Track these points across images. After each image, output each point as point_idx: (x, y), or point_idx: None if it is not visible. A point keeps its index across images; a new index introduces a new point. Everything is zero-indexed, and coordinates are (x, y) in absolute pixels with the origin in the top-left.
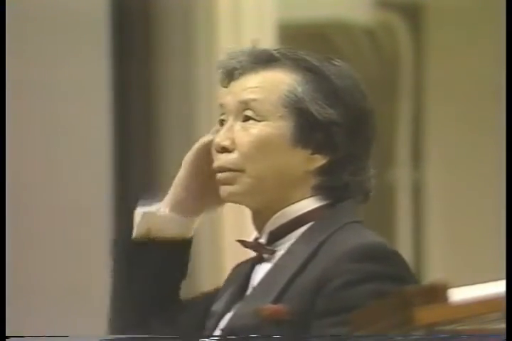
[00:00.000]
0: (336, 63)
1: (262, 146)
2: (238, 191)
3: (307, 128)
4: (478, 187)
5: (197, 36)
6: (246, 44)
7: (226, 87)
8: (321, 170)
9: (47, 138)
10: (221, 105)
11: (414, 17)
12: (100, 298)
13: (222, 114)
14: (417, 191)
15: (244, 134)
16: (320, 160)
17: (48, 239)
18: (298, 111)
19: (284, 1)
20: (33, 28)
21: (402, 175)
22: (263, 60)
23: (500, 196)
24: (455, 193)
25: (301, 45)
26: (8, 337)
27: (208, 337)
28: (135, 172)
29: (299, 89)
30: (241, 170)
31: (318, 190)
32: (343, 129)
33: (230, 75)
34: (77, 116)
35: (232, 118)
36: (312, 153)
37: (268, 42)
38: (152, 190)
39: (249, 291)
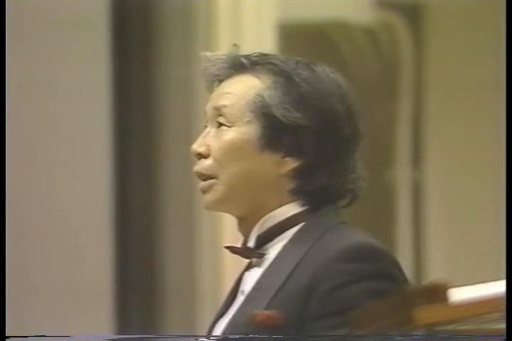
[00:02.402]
0: (313, 67)
1: (231, 152)
2: (214, 199)
3: (274, 132)
4: (478, 187)
5: (197, 36)
6: (246, 44)
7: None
8: (295, 174)
9: (47, 138)
10: (204, 112)
11: (414, 17)
12: (100, 298)
13: (207, 121)
14: (417, 191)
15: (217, 140)
16: (291, 164)
17: (47, 239)
18: (264, 116)
19: (284, 1)
20: (33, 27)
21: (402, 175)
22: (238, 66)
23: (500, 196)
24: (455, 193)
25: (301, 45)
26: (8, 337)
27: (208, 337)
28: (135, 172)
29: (266, 94)
30: (215, 177)
31: (297, 194)
32: (312, 133)
33: (213, 82)
34: (77, 116)
35: (210, 125)
36: (283, 157)
37: (268, 42)
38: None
39: (239, 296)
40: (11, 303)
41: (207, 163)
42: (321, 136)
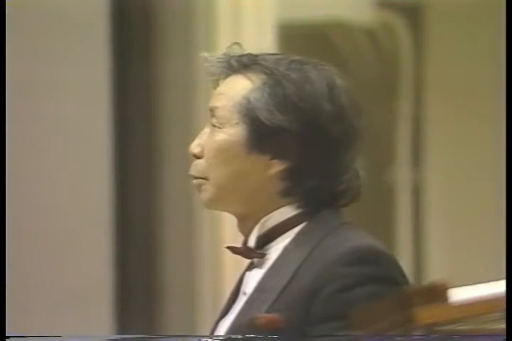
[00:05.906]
0: (305, 67)
1: (221, 153)
2: (206, 198)
3: (260, 134)
4: (478, 187)
5: (197, 36)
6: (246, 44)
7: None
8: (284, 176)
9: (47, 139)
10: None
11: (414, 17)
12: (100, 298)
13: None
14: (417, 191)
15: (209, 142)
16: (279, 166)
17: (47, 240)
18: (249, 118)
19: (284, 1)
20: (33, 28)
21: (402, 175)
22: (232, 66)
23: (500, 196)
24: (455, 193)
25: (301, 45)
26: (8, 337)
27: (208, 337)
28: (135, 172)
29: (252, 96)
30: (206, 178)
31: (288, 196)
32: (297, 135)
33: (217, 80)
34: (77, 117)
35: (207, 125)
36: (270, 159)
37: (268, 42)
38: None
39: (240, 296)
40: (11, 303)
41: (200, 163)
42: (307, 138)
